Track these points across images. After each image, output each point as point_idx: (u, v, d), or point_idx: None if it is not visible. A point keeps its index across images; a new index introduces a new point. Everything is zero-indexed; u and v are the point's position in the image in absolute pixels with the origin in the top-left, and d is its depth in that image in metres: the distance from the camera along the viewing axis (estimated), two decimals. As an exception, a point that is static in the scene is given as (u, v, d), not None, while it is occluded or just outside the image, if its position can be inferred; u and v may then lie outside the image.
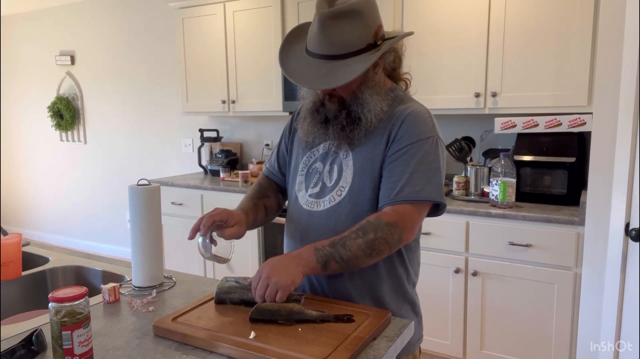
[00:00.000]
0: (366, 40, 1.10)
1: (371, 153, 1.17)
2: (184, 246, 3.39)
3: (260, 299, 1.05)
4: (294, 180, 1.30)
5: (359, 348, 0.93)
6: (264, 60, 3.25)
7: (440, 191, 1.14)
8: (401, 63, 1.27)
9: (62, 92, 4.91)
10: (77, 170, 5.00)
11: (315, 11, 1.10)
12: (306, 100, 1.25)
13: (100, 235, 4.95)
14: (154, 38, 4.22)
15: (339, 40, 1.08)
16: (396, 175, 1.13)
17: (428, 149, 1.14)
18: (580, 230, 2.11)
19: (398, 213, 1.11)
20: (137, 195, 1.28)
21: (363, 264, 1.11)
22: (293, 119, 1.36)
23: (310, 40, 1.13)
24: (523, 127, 2.43)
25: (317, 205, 1.23)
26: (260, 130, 3.82)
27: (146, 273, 1.31)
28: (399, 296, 1.25)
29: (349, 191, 1.19)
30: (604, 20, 1.85)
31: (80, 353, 0.88)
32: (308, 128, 1.24)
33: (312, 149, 1.28)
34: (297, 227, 1.28)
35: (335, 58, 1.09)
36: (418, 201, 1.12)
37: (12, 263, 1.42)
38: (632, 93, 1.74)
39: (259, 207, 1.34)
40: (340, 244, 1.08)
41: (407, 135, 1.14)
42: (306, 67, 1.13)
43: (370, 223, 1.10)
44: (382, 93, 1.19)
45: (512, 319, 2.33)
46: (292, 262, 1.08)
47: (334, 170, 1.22)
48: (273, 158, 1.43)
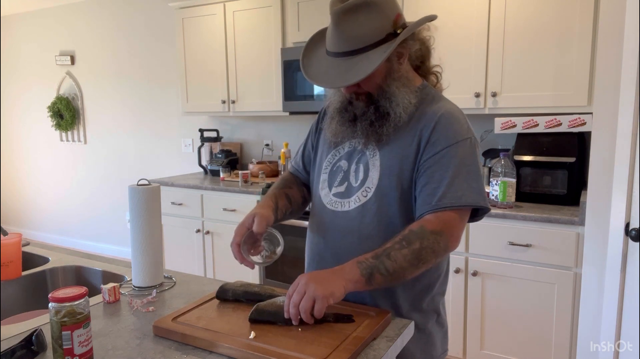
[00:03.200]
0: (385, 30, 1.05)
1: (400, 153, 1.13)
2: (184, 246, 3.39)
3: (294, 309, 0.98)
4: (318, 178, 1.27)
5: (359, 348, 0.93)
6: (264, 60, 3.25)
7: (483, 195, 1.10)
8: (430, 54, 1.21)
9: (62, 92, 4.91)
10: (77, 170, 5.00)
11: (330, 9, 1.07)
12: (333, 100, 1.22)
13: (100, 235, 4.95)
14: (154, 38, 4.22)
15: (355, 34, 1.04)
16: (435, 180, 1.08)
17: (466, 152, 1.09)
18: (580, 230, 2.11)
19: (442, 220, 1.06)
20: (137, 195, 1.28)
21: (409, 275, 1.05)
22: (319, 118, 1.34)
23: (328, 40, 1.10)
24: (523, 127, 2.43)
25: (342, 205, 1.19)
26: (260, 130, 3.82)
27: (146, 273, 1.31)
28: (421, 304, 1.20)
29: (375, 192, 1.14)
30: (604, 20, 1.85)
31: (80, 353, 0.88)
32: (336, 128, 1.20)
33: (337, 147, 1.24)
34: (319, 227, 1.25)
35: (354, 53, 1.06)
36: (461, 207, 1.07)
37: (12, 263, 1.42)
38: (632, 93, 1.73)
39: (281, 195, 1.30)
40: (385, 255, 1.03)
41: (443, 137, 1.09)
42: (327, 67, 1.10)
43: (414, 232, 1.05)
44: (410, 86, 1.14)
45: (512, 319, 2.33)
46: (333, 275, 1.02)
47: (359, 169, 1.18)
48: (299, 156, 1.40)
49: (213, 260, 3.29)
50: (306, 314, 0.97)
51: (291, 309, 0.98)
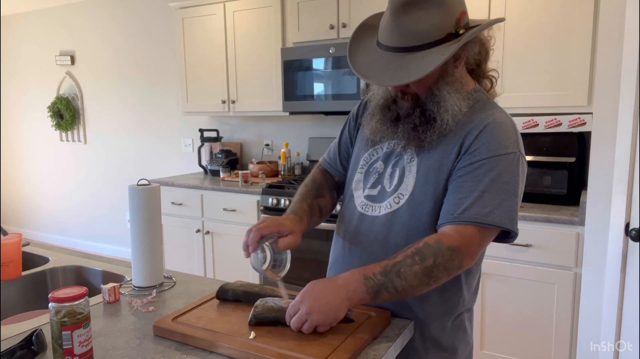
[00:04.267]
0: (446, 29, 0.97)
1: (439, 161, 1.04)
2: (184, 246, 3.39)
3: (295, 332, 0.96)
4: (352, 176, 1.20)
5: (359, 348, 0.93)
6: (264, 60, 3.25)
7: (513, 217, 0.99)
8: (488, 57, 1.11)
9: (62, 92, 4.91)
10: (77, 170, 5.00)
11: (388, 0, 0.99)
12: (376, 95, 1.12)
13: (100, 235, 4.95)
14: (154, 38, 4.22)
15: (414, 30, 0.95)
16: (464, 191, 0.99)
17: (506, 167, 0.99)
18: (580, 230, 2.11)
19: (462, 235, 0.97)
20: (137, 195, 1.28)
21: (417, 293, 0.98)
22: (359, 111, 1.25)
23: (382, 32, 1.00)
24: (523, 127, 2.43)
25: (372, 209, 1.12)
26: (260, 130, 3.81)
27: (146, 273, 1.31)
28: (448, 322, 1.12)
29: (408, 200, 1.06)
30: (604, 20, 1.85)
31: (80, 353, 0.88)
32: (376, 126, 1.11)
33: (375, 146, 1.16)
34: (347, 228, 1.18)
35: (409, 50, 0.96)
36: (484, 225, 0.97)
37: (12, 263, 1.42)
38: (632, 93, 1.74)
39: (314, 209, 1.21)
40: (394, 272, 0.95)
41: (484, 147, 0.99)
42: (375, 61, 1.00)
43: (429, 246, 0.96)
44: (462, 92, 1.04)
45: (512, 319, 2.32)
46: (336, 295, 0.95)
47: (395, 173, 1.10)
48: (333, 150, 1.30)
49: (213, 260, 3.29)
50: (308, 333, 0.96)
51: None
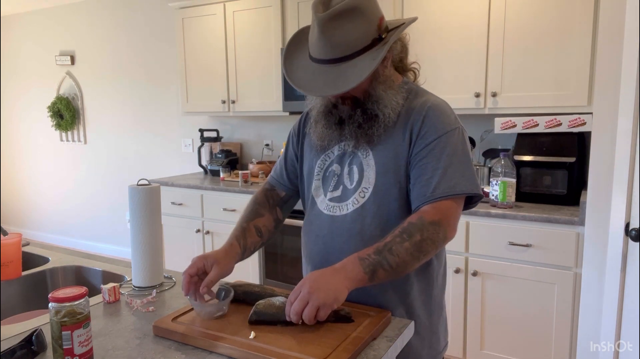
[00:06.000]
0: (371, 35, 1.05)
1: (393, 150, 1.13)
2: (184, 246, 3.39)
3: (297, 317, 0.96)
4: (310, 185, 1.26)
5: (359, 348, 0.93)
6: (264, 60, 3.25)
7: (476, 183, 1.11)
8: (407, 52, 1.22)
9: (62, 92, 4.91)
10: (77, 170, 5.00)
11: (312, 15, 1.05)
12: (316, 104, 1.20)
13: (100, 235, 4.95)
14: (154, 38, 4.22)
15: (342, 41, 1.03)
16: (429, 171, 1.09)
17: (456, 141, 1.11)
18: (580, 230, 2.11)
19: (440, 210, 1.07)
20: (137, 195, 1.28)
21: (410, 269, 1.06)
22: (300, 124, 1.32)
23: (313, 46, 1.08)
24: (523, 127, 2.43)
25: (340, 209, 1.18)
26: (260, 130, 3.82)
27: (146, 273, 1.31)
28: (430, 301, 1.21)
29: (373, 191, 1.14)
30: (604, 20, 1.85)
31: (80, 353, 0.88)
32: (322, 131, 1.18)
33: (326, 151, 1.23)
34: (318, 234, 1.22)
35: (342, 60, 1.04)
36: (455, 195, 1.08)
37: (12, 263, 1.42)
38: (632, 93, 1.73)
39: (249, 231, 1.27)
40: (387, 250, 1.02)
41: (432, 129, 1.10)
42: (313, 74, 1.08)
43: (413, 224, 1.05)
44: (394, 87, 1.15)
45: (512, 319, 2.33)
46: (335, 277, 0.99)
47: (353, 171, 1.17)
48: (279, 167, 1.37)
49: (213, 260, 3.28)
50: (310, 321, 0.96)
51: (293, 317, 0.97)
